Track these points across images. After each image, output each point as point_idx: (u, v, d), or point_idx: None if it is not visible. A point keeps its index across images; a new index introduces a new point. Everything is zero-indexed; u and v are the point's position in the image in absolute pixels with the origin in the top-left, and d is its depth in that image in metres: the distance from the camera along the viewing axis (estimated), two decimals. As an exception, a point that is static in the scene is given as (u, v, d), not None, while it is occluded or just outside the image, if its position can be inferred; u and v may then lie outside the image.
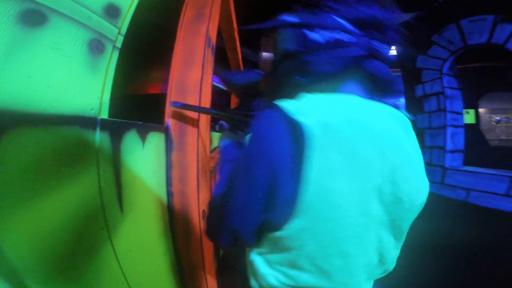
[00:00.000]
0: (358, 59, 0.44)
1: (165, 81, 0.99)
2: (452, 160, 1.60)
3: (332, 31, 0.45)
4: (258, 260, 0.47)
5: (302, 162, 0.37)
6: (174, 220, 0.97)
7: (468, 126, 3.66)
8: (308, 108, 0.40)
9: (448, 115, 1.61)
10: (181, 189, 0.95)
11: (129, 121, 0.72)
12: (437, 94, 1.67)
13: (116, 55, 0.66)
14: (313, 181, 0.37)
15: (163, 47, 1.05)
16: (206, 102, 1.06)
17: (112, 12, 0.64)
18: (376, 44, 0.45)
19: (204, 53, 1.01)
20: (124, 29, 0.69)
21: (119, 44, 0.67)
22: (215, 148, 1.61)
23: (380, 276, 0.53)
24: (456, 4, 1.48)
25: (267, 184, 0.38)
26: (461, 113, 1.65)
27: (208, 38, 1.06)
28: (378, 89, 0.48)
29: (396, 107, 0.48)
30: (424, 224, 1.75)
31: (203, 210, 1.04)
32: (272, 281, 0.46)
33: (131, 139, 0.72)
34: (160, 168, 0.89)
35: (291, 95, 0.47)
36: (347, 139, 0.38)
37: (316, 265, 0.42)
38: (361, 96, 0.46)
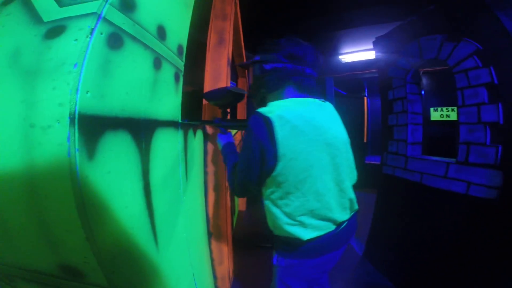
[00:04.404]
0: (289, 76, 0.87)
1: (201, 91, 1.34)
2: (412, 150, 2.03)
3: (274, 63, 0.87)
4: (269, 203, 0.84)
5: (271, 137, 0.73)
6: (207, 194, 1.33)
7: (451, 123, 4.12)
8: (271, 109, 0.78)
9: (409, 115, 2.03)
10: (213, 169, 1.31)
11: (189, 122, 1.07)
12: (401, 98, 2.09)
13: (182, 79, 1.00)
14: (280, 143, 0.73)
15: (199, 65, 1.39)
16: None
17: (181, 51, 0.99)
18: (299, 67, 0.87)
19: (227, 71, 1.37)
20: (184, 60, 1.03)
21: (183, 71, 1.01)
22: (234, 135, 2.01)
23: (349, 206, 0.90)
24: (417, 24, 1.88)
25: (259, 151, 0.75)
26: (420, 113, 2.07)
27: (228, 58, 1.41)
28: (305, 91, 0.89)
29: (319, 98, 0.92)
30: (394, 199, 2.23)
31: (227, 186, 1.40)
32: (279, 215, 0.82)
33: (190, 133, 1.08)
34: (201, 154, 1.25)
35: (263, 101, 0.94)
36: (290, 120, 0.75)
37: (298, 187, 0.77)
38: (296, 96, 0.88)
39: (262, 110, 0.79)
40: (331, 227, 0.85)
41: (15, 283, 0.71)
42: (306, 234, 0.81)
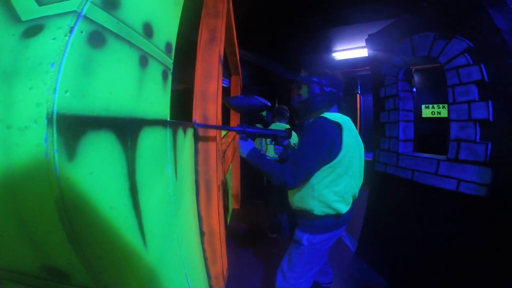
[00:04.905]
0: (336, 98, 1.28)
1: (192, 90, 1.33)
2: (404, 147, 2.04)
3: (331, 87, 1.26)
4: (319, 186, 1.15)
5: (340, 135, 1.12)
6: (199, 192, 1.32)
7: (443, 120, 4.17)
8: (333, 117, 1.17)
9: (401, 113, 2.04)
10: (204, 168, 1.30)
11: (178, 121, 1.06)
12: (393, 96, 2.10)
13: (171, 77, 0.99)
14: (344, 140, 1.12)
15: (188, 62, 1.37)
16: (219, 107, 1.41)
17: (169, 49, 0.97)
18: (340, 94, 1.30)
19: (218, 69, 1.36)
20: (172, 58, 1.02)
21: (171, 69, 1.00)
22: (225, 135, 2.00)
23: (358, 188, 1.28)
24: (410, 21, 1.89)
25: (330, 143, 1.09)
26: (411, 111, 2.09)
27: (220, 56, 1.40)
28: (341, 110, 1.33)
29: (346, 115, 1.31)
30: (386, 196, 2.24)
31: (219, 185, 1.40)
32: (328, 195, 1.15)
33: (180, 132, 1.07)
34: (191, 152, 1.24)
35: (315, 114, 1.26)
36: (348, 126, 1.19)
37: (347, 171, 1.15)
38: (338, 112, 1.29)
39: (327, 116, 1.18)
40: (351, 204, 1.25)
41: (2, 284, 0.70)
42: (344, 208, 1.19)
